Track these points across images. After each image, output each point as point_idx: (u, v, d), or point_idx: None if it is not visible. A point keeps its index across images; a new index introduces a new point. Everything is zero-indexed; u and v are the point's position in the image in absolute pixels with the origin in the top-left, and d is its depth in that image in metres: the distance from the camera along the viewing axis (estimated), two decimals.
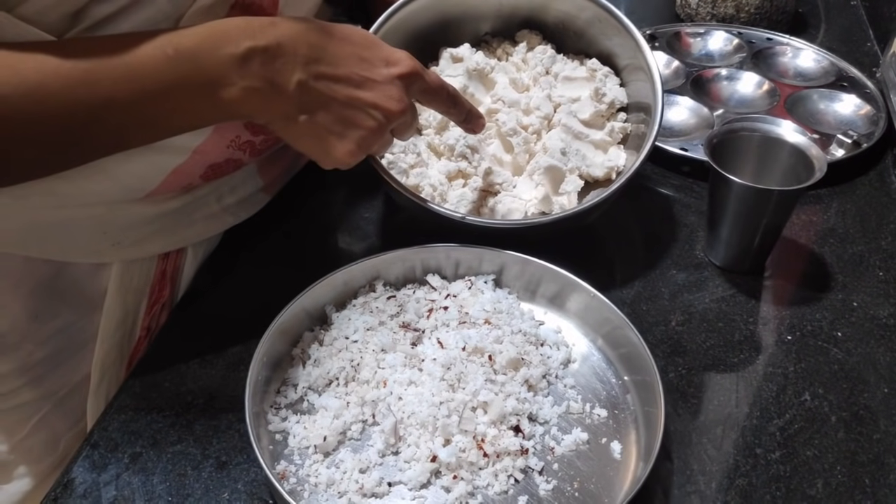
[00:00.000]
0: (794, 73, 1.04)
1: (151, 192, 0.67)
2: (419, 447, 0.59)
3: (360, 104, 0.60)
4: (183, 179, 0.68)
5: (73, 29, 0.55)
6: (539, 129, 0.79)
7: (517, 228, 0.74)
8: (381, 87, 0.60)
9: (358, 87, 0.60)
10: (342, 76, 0.59)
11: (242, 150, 0.71)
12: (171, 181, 0.67)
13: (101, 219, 0.67)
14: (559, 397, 0.64)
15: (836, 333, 0.71)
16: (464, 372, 0.62)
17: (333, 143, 0.61)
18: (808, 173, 0.72)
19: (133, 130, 0.57)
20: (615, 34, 0.81)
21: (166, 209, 0.69)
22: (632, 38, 0.80)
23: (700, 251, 0.79)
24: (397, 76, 0.61)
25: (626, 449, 0.61)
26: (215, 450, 0.62)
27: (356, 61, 0.60)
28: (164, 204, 0.69)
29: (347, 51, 0.60)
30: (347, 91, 0.59)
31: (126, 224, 0.68)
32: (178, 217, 0.71)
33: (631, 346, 0.65)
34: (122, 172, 0.63)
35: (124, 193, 0.66)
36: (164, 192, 0.68)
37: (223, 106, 0.57)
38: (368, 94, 0.60)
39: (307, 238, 0.82)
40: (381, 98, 0.60)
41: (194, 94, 0.56)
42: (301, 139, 0.61)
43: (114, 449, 0.62)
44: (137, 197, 0.67)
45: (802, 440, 0.63)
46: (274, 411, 0.63)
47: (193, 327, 0.73)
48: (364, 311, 0.68)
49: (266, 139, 0.72)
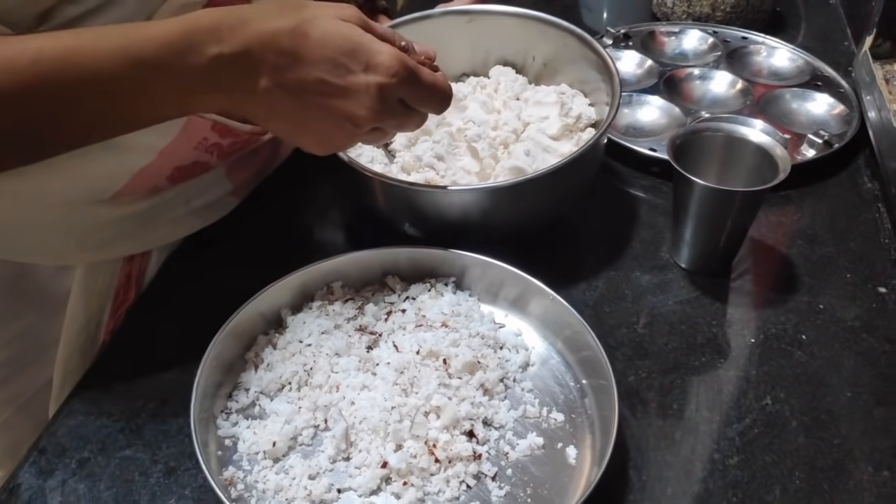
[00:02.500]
0: (768, 73, 1.03)
1: (117, 193, 0.66)
2: (370, 453, 0.58)
3: (327, 112, 0.57)
4: (149, 181, 0.67)
5: (39, 29, 0.54)
6: (506, 141, 0.79)
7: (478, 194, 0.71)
8: (353, 96, 0.56)
9: (327, 96, 0.56)
10: (310, 83, 0.55)
11: (210, 153, 0.70)
12: (136, 182, 0.66)
13: (65, 220, 0.66)
14: (516, 401, 0.63)
15: (800, 336, 0.70)
16: (417, 376, 0.61)
17: (306, 141, 0.60)
18: (773, 174, 0.71)
19: (98, 127, 0.56)
20: (578, 55, 0.82)
21: (132, 211, 0.68)
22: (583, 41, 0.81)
23: (665, 253, 0.78)
24: (375, 84, 0.56)
25: (581, 454, 0.60)
26: (164, 455, 0.61)
27: (330, 67, 0.55)
28: (131, 206, 0.68)
29: (322, 55, 0.55)
30: (315, 99, 0.56)
31: (91, 226, 0.67)
32: (144, 220, 0.70)
33: (590, 350, 0.64)
34: (86, 172, 0.62)
35: (89, 194, 0.65)
36: (129, 194, 0.67)
37: (191, 107, 0.57)
38: (338, 101, 0.56)
39: (273, 239, 0.81)
40: (352, 106, 0.56)
41: (160, 95, 0.54)
42: (277, 132, 0.63)
43: (61, 454, 0.61)
44: (103, 198, 0.66)
45: (762, 445, 0.62)
46: (224, 416, 0.62)
47: (150, 330, 0.72)
48: (320, 315, 0.67)
49: (234, 142, 0.71)
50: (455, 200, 0.71)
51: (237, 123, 0.69)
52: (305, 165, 0.86)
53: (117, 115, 0.55)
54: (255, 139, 0.73)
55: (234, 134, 0.69)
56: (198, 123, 0.66)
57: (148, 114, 0.56)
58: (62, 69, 0.50)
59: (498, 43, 0.87)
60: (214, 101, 0.55)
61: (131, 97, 0.53)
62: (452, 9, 0.85)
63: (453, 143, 0.80)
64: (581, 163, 0.72)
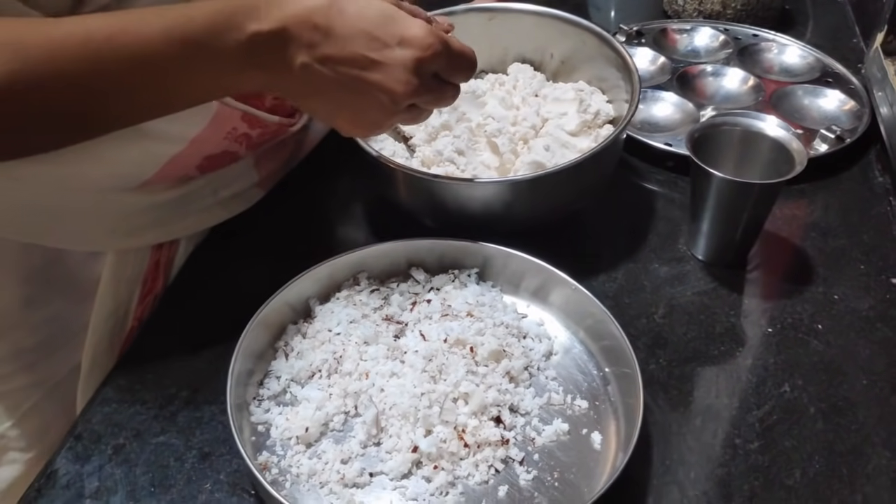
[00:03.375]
0: (779, 69, 1.04)
1: (147, 182, 0.67)
2: (400, 438, 0.60)
3: (365, 87, 0.58)
4: (179, 170, 0.69)
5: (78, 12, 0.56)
6: (525, 136, 0.80)
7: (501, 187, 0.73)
8: (389, 70, 0.57)
9: (364, 69, 0.57)
10: (347, 58, 0.57)
11: (239, 143, 0.71)
12: (167, 171, 0.67)
13: (97, 207, 0.67)
14: (540, 389, 0.65)
15: (816, 326, 0.72)
16: (445, 363, 0.63)
17: (342, 120, 0.62)
18: (789, 167, 0.72)
19: (139, 107, 0.57)
20: (596, 53, 0.83)
21: (162, 200, 0.70)
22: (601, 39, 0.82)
23: (682, 245, 0.80)
24: (410, 58, 0.57)
25: (606, 440, 0.61)
26: (198, 441, 0.62)
27: (365, 41, 0.57)
28: (160, 195, 0.69)
29: (357, 29, 0.57)
30: (353, 72, 0.57)
31: (121, 213, 0.69)
32: (173, 209, 0.71)
33: (612, 339, 0.65)
34: (118, 160, 0.63)
35: (120, 181, 0.66)
36: (160, 182, 0.68)
37: (231, 86, 0.59)
38: (375, 75, 0.57)
39: (298, 230, 0.82)
40: (388, 80, 0.58)
41: (202, 74, 0.56)
42: (314, 112, 0.64)
43: (97, 441, 0.63)
44: (133, 185, 0.67)
45: (781, 431, 0.63)
46: (257, 403, 0.63)
47: (179, 319, 0.73)
48: (347, 304, 0.69)
49: (263, 133, 0.72)
50: (478, 193, 0.73)
51: (266, 114, 0.70)
52: (329, 158, 0.88)
53: (160, 95, 0.57)
54: (284, 130, 0.75)
55: (262, 124, 0.71)
56: (227, 113, 0.68)
57: (189, 94, 0.58)
58: (110, 50, 0.52)
59: (517, 40, 0.88)
60: (254, 79, 0.57)
61: (175, 77, 0.55)
62: (476, 6, 0.86)
63: (473, 138, 0.81)
64: (602, 157, 0.73)
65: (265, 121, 0.71)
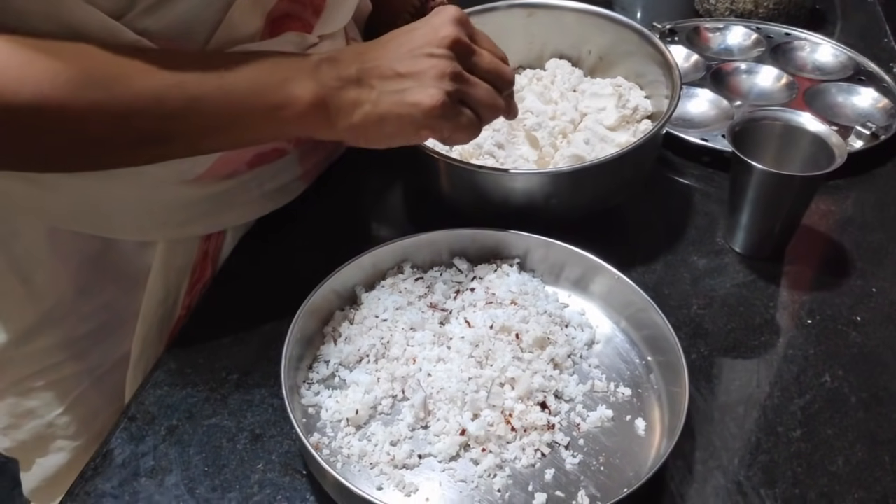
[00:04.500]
0: (812, 68, 1.05)
1: (199, 176, 0.69)
2: (448, 421, 0.61)
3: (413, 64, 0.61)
4: (230, 165, 0.71)
5: (132, 10, 0.58)
6: (565, 130, 0.81)
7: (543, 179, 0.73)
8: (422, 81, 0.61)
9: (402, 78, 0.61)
10: (386, 68, 0.61)
11: (288, 140, 0.74)
12: (218, 166, 0.69)
13: (149, 198, 0.69)
14: (584, 376, 0.66)
15: (855, 318, 0.73)
16: (491, 349, 0.64)
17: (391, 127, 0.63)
18: (829, 161, 0.73)
19: (208, 134, 0.61)
20: (635, 49, 0.85)
21: (211, 192, 0.72)
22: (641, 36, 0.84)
23: (720, 238, 0.80)
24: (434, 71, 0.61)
25: (649, 426, 0.62)
26: (249, 423, 0.64)
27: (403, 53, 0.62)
28: (210, 187, 0.71)
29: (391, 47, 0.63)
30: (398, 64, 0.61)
31: (172, 205, 0.71)
32: (221, 201, 0.73)
33: (655, 328, 0.66)
34: None
35: (174, 175, 0.68)
36: (211, 177, 0.70)
37: (294, 112, 0.61)
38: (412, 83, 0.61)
39: (340, 222, 0.83)
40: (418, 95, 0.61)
41: (272, 97, 0.60)
42: (366, 133, 0.64)
43: (150, 422, 0.64)
44: (187, 178, 0.69)
45: (823, 419, 0.64)
46: (307, 386, 0.64)
47: (227, 306, 0.74)
48: (393, 292, 0.70)
49: None
50: (519, 184, 0.74)
51: None
52: (370, 150, 0.89)
53: (227, 121, 0.61)
54: None
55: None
56: None
57: (256, 123, 0.62)
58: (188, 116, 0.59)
59: (555, 36, 0.89)
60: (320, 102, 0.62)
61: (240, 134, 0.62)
62: (517, 2, 0.88)
63: (512, 131, 0.82)
64: (642, 151, 0.74)
65: None
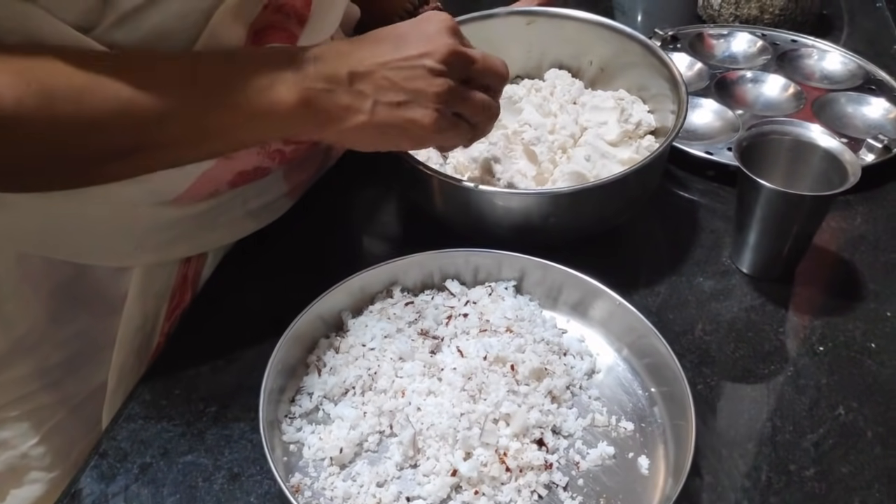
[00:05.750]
0: (820, 76, 1.01)
1: (179, 197, 0.66)
2: (439, 460, 0.57)
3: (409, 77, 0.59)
4: (210, 185, 0.67)
5: (101, 23, 0.54)
6: (564, 145, 0.78)
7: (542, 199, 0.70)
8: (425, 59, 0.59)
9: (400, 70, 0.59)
10: (380, 76, 0.59)
11: (272, 159, 0.70)
12: (198, 186, 0.66)
13: (125, 221, 0.66)
14: (584, 409, 0.62)
15: (869, 344, 0.69)
16: (485, 382, 0.60)
17: (391, 132, 0.61)
18: (841, 178, 0.69)
19: (189, 142, 0.57)
20: (639, 61, 0.81)
21: (191, 213, 0.68)
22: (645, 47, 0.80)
23: (727, 258, 0.77)
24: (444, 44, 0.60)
25: (654, 464, 0.58)
26: (227, 460, 0.60)
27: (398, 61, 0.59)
28: (189, 208, 0.67)
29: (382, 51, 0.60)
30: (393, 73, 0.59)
31: (150, 227, 0.67)
32: (201, 221, 0.69)
33: (658, 356, 0.62)
34: (151, 175, 0.61)
35: (150, 196, 0.65)
36: (189, 198, 0.66)
37: (281, 113, 0.57)
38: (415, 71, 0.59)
39: (326, 241, 0.79)
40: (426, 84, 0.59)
41: (255, 101, 0.56)
42: (361, 137, 0.61)
43: (122, 459, 0.60)
44: (165, 200, 0.65)
45: (837, 456, 0.60)
46: (288, 421, 0.61)
47: (206, 332, 0.71)
48: (381, 318, 0.66)
49: (297, 149, 0.70)
50: (516, 204, 0.70)
51: None
52: (359, 164, 0.85)
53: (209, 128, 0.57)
54: (317, 145, 0.73)
55: (297, 140, 0.69)
56: None
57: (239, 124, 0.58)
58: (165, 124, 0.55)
59: (555, 45, 0.86)
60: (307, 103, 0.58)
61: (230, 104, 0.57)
62: (517, 9, 0.84)
63: (509, 145, 0.78)
64: (647, 170, 0.71)
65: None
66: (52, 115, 0.51)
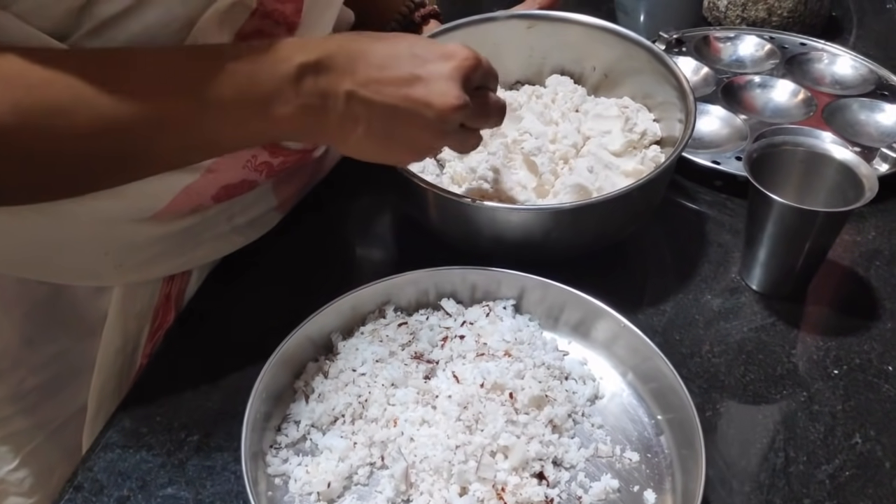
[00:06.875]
0: (830, 81, 0.98)
1: (159, 212, 0.62)
2: (433, 496, 0.54)
3: (411, 105, 0.55)
4: (193, 200, 0.63)
5: (78, 31, 0.51)
6: (566, 156, 0.74)
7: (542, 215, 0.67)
8: (433, 83, 0.56)
9: (408, 86, 0.55)
10: (391, 78, 0.55)
11: (258, 171, 0.66)
12: (180, 201, 0.62)
13: (103, 238, 0.62)
14: (586, 438, 0.59)
15: (886, 367, 0.65)
16: (482, 412, 0.56)
17: (393, 149, 0.59)
18: (857, 192, 0.66)
19: (182, 149, 0.55)
20: (644, 67, 0.78)
21: (173, 229, 0.64)
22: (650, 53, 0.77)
23: (736, 274, 0.73)
24: (453, 69, 0.56)
25: (660, 498, 0.55)
26: (209, 494, 0.57)
27: (408, 58, 0.56)
28: (172, 224, 0.64)
29: (398, 49, 0.57)
30: (399, 92, 0.55)
31: (130, 245, 0.64)
32: (185, 238, 0.66)
33: (664, 380, 0.59)
34: (130, 189, 0.58)
35: (131, 212, 0.61)
36: (170, 214, 0.63)
37: (277, 123, 0.54)
38: (419, 90, 0.55)
39: (316, 256, 0.76)
40: (433, 94, 0.55)
41: (249, 111, 0.53)
42: (361, 152, 0.59)
43: (98, 492, 0.57)
44: (144, 216, 0.62)
45: (855, 489, 0.57)
46: (274, 451, 0.57)
47: (189, 355, 0.67)
48: (373, 340, 0.63)
49: (284, 161, 0.67)
50: (517, 219, 0.67)
51: (289, 142, 0.65)
52: (352, 175, 0.82)
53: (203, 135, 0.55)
54: (307, 157, 0.69)
55: (285, 152, 0.66)
56: None
57: (233, 132, 0.55)
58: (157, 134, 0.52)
59: (556, 50, 0.82)
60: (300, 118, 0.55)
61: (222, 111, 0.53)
62: (518, 13, 0.80)
63: (509, 154, 0.75)
64: (653, 184, 0.67)
65: (288, 148, 0.65)
66: (28, 130, 0.48)
